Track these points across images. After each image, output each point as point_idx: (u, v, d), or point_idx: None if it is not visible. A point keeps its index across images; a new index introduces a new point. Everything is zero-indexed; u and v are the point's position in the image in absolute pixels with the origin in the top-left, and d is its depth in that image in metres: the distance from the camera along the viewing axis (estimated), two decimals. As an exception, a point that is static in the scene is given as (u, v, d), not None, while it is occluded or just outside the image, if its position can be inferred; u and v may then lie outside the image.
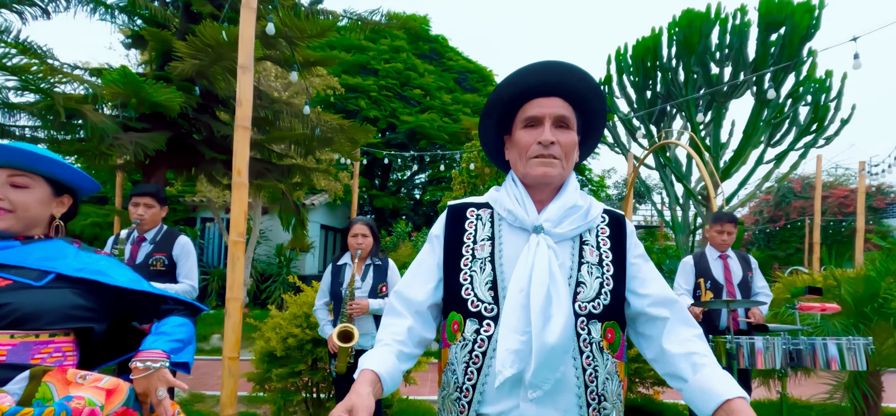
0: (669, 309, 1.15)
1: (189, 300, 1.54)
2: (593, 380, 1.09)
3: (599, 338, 1.11)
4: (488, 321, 1.12)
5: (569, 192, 1.22)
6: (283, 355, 3.44)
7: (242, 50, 3.06)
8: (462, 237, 1.22)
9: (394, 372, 1.08)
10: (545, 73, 1.18)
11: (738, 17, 12.61)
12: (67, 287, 1.30)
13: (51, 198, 1.37)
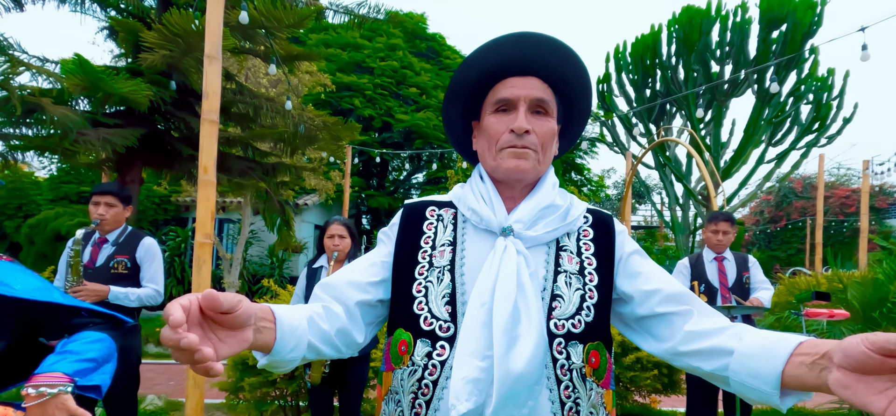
0: (689, 303, 0.92)
1: (109, 313, 1.34)
2: (574, 413, 0.88)
3: (581, 363, 0.90)
4: (443, 343, 0.90)
5: (545, 189, 1.01)
6: (255, 362, 3.24)
7: (209, 39, 2.86)
8: (419, 241, 1.00)
9: (295, 326, 0.82)
10: (521, 46, 0.97)
11: (738, 14, 12.43)
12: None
13: None
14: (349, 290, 0.97)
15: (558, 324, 0.90)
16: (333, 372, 2.92)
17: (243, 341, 0.69)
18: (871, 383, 0.62)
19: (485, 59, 0.99)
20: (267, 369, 0.83)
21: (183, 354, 0.59)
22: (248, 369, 3.29)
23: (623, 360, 3.56)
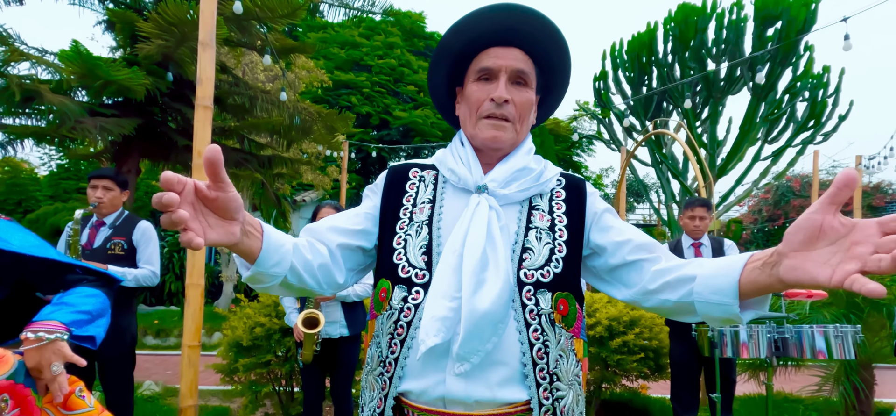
0: (656, 251, 1.00)
1: (102, 271, 1.41)
2: (543, 356, 0.95)
3: (550, 310, 0.97)
4: (418, 289, 0.98)
5: (520, 154, 1.08)
6: (249, 344, 3.32)
7: (203, 26, 2.93)
8: (401, 200, 1.08)
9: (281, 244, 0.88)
10: (505, 17, 1.03)
11: (734, 11, 12.50)
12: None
13: None
14: (331, 234, 1.04)
15: (528, 273, 0.97)
16: (324, 353, 2.99)
17: (231, 234, 0.75)
18: (814, 259, 0.70)
19: (470, 27, 1.05)
20: (250, 281, 0.88)
21: (170, 223, 0.66)
22: (242, 350, 3.36)
23: (610, 344, 3.63)
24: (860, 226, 0.67)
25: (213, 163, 0.70)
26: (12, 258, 1.26)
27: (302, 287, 0.96)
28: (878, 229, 0.65)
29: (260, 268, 0.85)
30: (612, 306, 3.78)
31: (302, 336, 2.85)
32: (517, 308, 0.95)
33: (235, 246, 0.79)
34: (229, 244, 0.77)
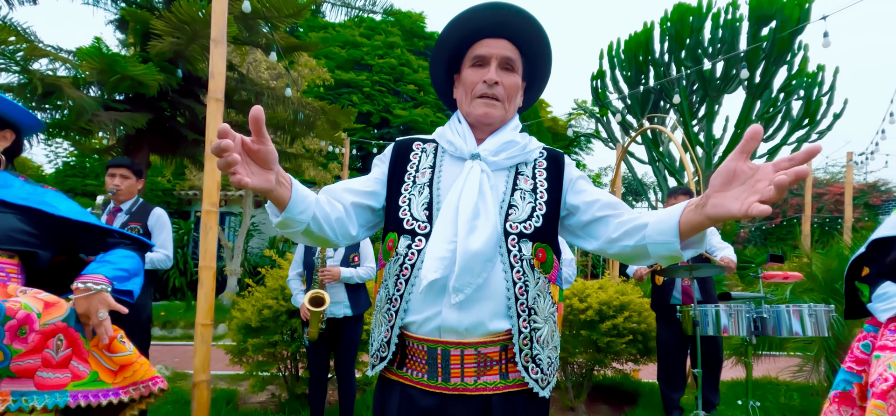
0: (620, 208, 1.19)
1: (136, 236, 1.59)
2: (524, 293, 1.12)
3: (530, 256, 1.15)
4: (420, 238, 1.16)
5: (508, 129, 1.27)
6: (258, 326, 3.50)
7: (215, 23, 3.11)
8: (406, 167, 1.26)
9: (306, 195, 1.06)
10: (495, 14, 1.22)
11: (729, 11, 12.68)
12: (11, 213, 1.35)
13: None
14: (346, 194, 1.22)
15: (513, 225, 1.16)
16: (329, 332, 3.17)
17: (268, 180, 0.93)
18: (731, 196, 0.89)
19: (466, 22, 1.23)
20: (280, 226, 1.05)
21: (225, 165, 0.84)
22: (250, 331, 3.54)
23: (600, 327, 3.80)
24: (762, 168, 0.86)
25: (257, 120, 0.88)
26: (61, 223, 1.44)
27: (321, 236, 1.14)
28: (773, 169, 0.83)
29: (288, 214, 1.03)
30: (603, 292, 3.95)
31: (308, 315, 3.03)
32: (503, 253, 1.13)
33: (270, 192, 0.96)
34: (265, 190, 0.94)
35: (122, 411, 1.47)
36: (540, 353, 1.14)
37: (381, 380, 1.23)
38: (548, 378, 1.16)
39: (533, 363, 1.12)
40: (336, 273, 3.08)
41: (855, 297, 1.80)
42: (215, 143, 0.83)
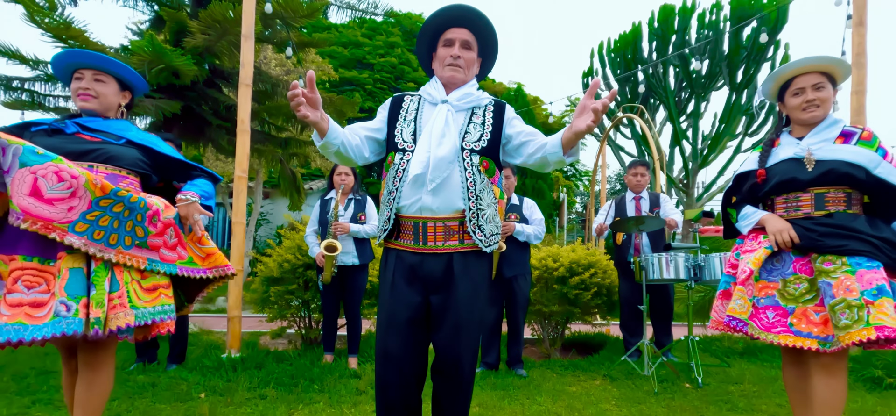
0: (539, 135, 1.83)
1: (211, 172, 2.24)
2: (473, 186, 1.76)
3: (478, 164, 1.79)
4: (408, 153, 1.81)
5: (467, 87, 1.92)
6: (279, 276, 4.15)
7: (245, 21, 3.77)
8: (399, 111, 1.92)
9: (337, 128, 1.73)
10: (459, 10, 1.88)
11: (714, 12, 13.32)
12: (134, 148, 2.00)
13: (118, 92, 2.08)
14: (361, 130, 1.88)
15: (466, 144, 1.80)
16: (339, 278, 3.83)
17: (317, 115, 1.60)
18: (580, 119, 1.56)
19: (440, 16, 1.89)
20: (322, 148, 1.74)
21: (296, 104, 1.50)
22: (273, 281, 4.19)
23: (570, 281, 4.44)
24: (592, 103, 1.51)
25: (311, 78, 1.54)
26: (163, 157, 2.09)
27: (346, 155, 1.80)
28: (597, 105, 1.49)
29: (327, 139, 1.69)
30: (573, 253, 4.60)
31: (323, 261, 3.68)
32: (460, 161, 1.78)
33: (318, 123, 1.63)
34: (315, 121, 1.60)
35: (206, 285, 2.13)
36: (484, 225, 1.79)
37: (384, 249, 1.88)
38: (489, 241, 1.81)
39: (479, 231, 1.78)
40: (346, 227, 3.73)
41: (729, 222, 2.44)
42: (290, 91, 1.50)
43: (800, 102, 2.10)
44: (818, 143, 2.06)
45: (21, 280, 1.63)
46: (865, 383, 3.52)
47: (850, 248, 1.88)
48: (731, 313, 2.07)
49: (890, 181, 1.93)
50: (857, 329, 1.75)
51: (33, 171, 1.63)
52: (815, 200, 2.04)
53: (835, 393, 1.91)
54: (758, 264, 2.04)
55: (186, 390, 3.16)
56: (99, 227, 1.72)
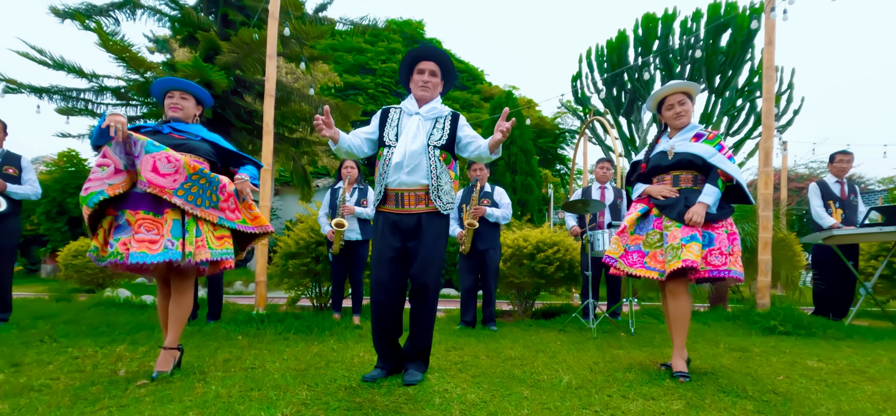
0: (478, 139, 2.74)
1: (256, 160, 3.16)
2: (435, 170, 2.67)
3: (439, 155, 2.70)
4: (392, 148, 2.72)
5: (433, 103, 2.83)
6: (296, 251, 5.08)
7: (269, 43, 4.69)
8: (386, 118, 2.84)
9: (346, 135, 2.66)
10: (428, 50, 2.81)
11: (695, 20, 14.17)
12: (205, 143, 2.92)
13: (195, 105, 3.00)
14: (361, 133, 2.81)
15: (431, 142, 2.72)
16: (345, 250, 4.74)
17: (336, 133, 2.55)
18: (494, 134, 2.47)
19: (416, 52, 2.83)
20: (336, 150, 2.71)
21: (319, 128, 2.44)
22: (291, 256, 5.11)
23: (537, 257, 5.33)
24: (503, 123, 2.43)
25: (327, 111, 2.49)
26: (224, 150, 3.00)
27: (351, 152, 2.74)
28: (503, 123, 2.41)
29: (339, 144, 2.65)
30: (541, 234, 5.49)
31: (332, 236, 4.60)
32: (427, 153, 2.69)
33: (333, 136, 2.56)
34: (332, 136, 2.54)
35: (252, 239, 3.04)
36: (442, 196, 2.70)
37: (376, 212, 2.80)
38: (445, 207, 2.72)
39: (439, 199, 2.69)
40: (352, 209, 4.65)
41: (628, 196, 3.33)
42: (315, 120, 2.45)
43: (671, 114, 2.99)
44: (679, 141, 2.96)
45: (143, 226, 2.55)
46: (764, 330, 4.40)
47: (678, 213, 2.78)
48: (608, 253, 2.97)
49: (720, 167, 2.82)
50: (674, 262, 2.65)
51: (152, 156, 2.55)
52: (673, 180, 2.93)
53: (679, 307, 2.80)
54: (631, 223, 2.94)
55: (226, 334, 4.07)
56: (191, 193, 2.63)
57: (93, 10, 6.13)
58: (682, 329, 2.83)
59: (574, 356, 3.35)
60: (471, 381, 2.63)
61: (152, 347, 3.46)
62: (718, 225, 2.79)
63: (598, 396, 2.36)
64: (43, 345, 3.48)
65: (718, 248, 2.74)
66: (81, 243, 7.80)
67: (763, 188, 4.77)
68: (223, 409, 2.08)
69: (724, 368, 3.02)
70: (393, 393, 2.37)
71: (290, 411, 2.07)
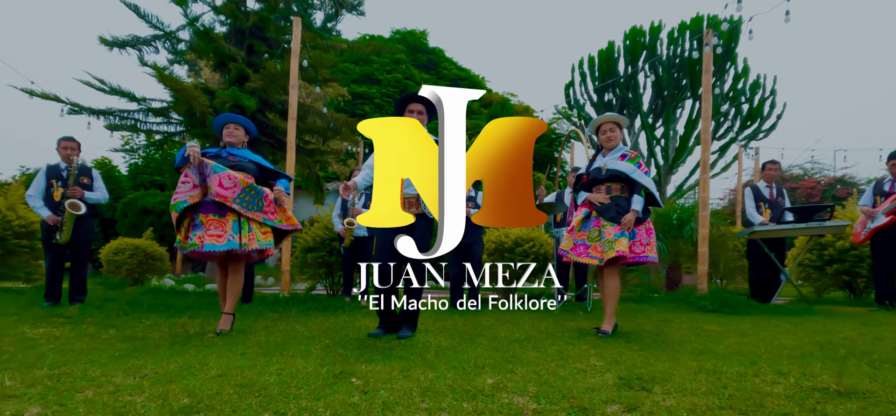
0: None
1: (288, 175, 4.18)
2: None
3: None
4: None
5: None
6: (313, 245, 6.10)
7: (292, 74, 5.72)
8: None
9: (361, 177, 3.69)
10: (414, 95, 3.81)
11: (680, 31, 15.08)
12: (252, 164, 3.94)
13: (245, 134, 4.02)
14: (369, 165, 3.81)
15: None
16: (355, 243, 5.76)
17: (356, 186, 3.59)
18: None
19: (405, 98, 3.84)
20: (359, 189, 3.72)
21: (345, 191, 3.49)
22: (309, 250, 6.14)
23: (516, 250, 6.33)
24: None
25: (351, 187, 3.54)
26: (264, 168, 4.03)
27: (367, 182, 3.75)
28: None
29: (359, 186, 3.68)
30: (519, 231, 6.48)
31: (344, 232, 5.62)
32: None
33: (355, 190, 3.62)
34: (356, 191, 3.56)
35: (286, 235, 4.06)
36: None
37: None
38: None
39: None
40: (360, 211, 5.67)
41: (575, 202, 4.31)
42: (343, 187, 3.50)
43: (604, 138, 3.96)
44: (610, 159, 3.93)
45: (212, 225, 3.57)
46: (696, 308, 5.36)
47: (611, 216, 3.76)
48: (562, 247, 3.96)
49: (639, 181, 3.79)
50: (609, 252, 3.62)
51: (218, 175, 3.57)
52: (606, 189, 3.90)
53: (612, 285, 3.77)
54: (578, 223, 3.92)
55: (260, 311, 5.10)
56: (244, 201, 3.65)
57: (138, 41, 7.23)
58: (612, 302, 3.81)
59: (532, 324, 4.33)
60: (446, 336, 3.63)
61: (207, 317, 4.49)
62: (640, 225, 3.77)
63: (534, 343, 3.35)
64: (122, 318, 4.53)
65: (639, 240, 3.71)
66: (120, 241, 8.87)
67: (701, 192, 5.73)
68: (274, 348, 3.09)
69: (642, 330, 4.00)
70: (389, 342, 3.38)
71: (319, 348, 3.08)
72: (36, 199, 5.17)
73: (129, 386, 2.06)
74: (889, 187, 5.50)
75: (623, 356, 2.70)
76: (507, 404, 1.85)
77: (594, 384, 2.10)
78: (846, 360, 2.58)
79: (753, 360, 2.54)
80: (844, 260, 6.29)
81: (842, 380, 1.94)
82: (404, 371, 2.33)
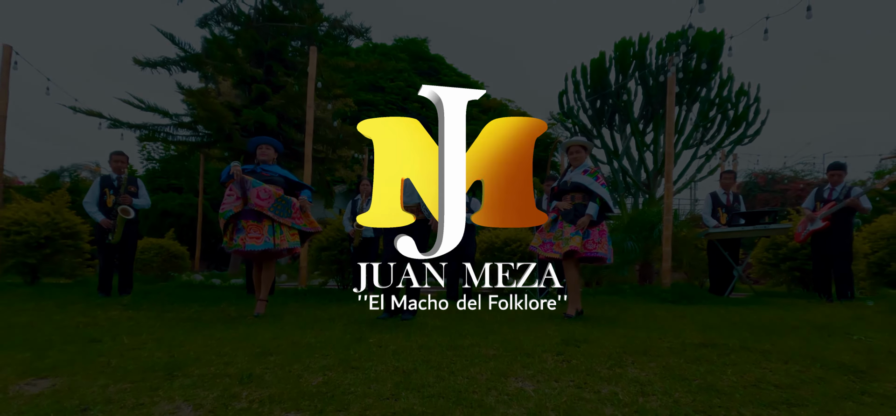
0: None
1: (310, 187, 5.04)
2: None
3: None
4: None
5: None
6: (326, 245, 6.97)
7: (309, 96, 6.58)
8: None
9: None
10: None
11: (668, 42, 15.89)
12: (281, 178, 4.80)
13: (275, 152, 4.88)
14: None
15: None
16: (363, 243, 6.61)
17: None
18: None
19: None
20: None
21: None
22: (324, 248, 7.00)
23: (505, 249, 7.17)
24: None
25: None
26: (290, 180, 4.89)
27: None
28: None
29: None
30: (507, 231, 7.33)
31: (354, 234, 6.48)
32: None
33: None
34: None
35: (309, 237, 4.92)
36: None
37: None
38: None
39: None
40: (367, 215, 6.53)
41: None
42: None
43: (572, 157, 4.81)
44: (576, 173, 4.77)
45: (252, 229, 4.43)
46: (661, 302, 6.20)
47: (571, 219, 4.60)
48: (532, 244, 4.81)
49: (595, 191, 4.63)
50: (565, 247, 4.47)
51: (256, 189, 4.43)
52: (572, 198, 4.75)
53: (572, 276, 4.61)
54: (547, 225, 4.76)
55: (282, 300, 5.96)
56: (277, 209, 4.51)
57: (169, 62, 8.11)
58: (574, 289, 4.65)
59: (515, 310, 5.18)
60: (440, 318, 4.48)
61: (240, 306, 5.35)
62: (594, 227, 4.61)
63: (510, 322, 4.20)
64: (166, 306, 5.39)
65: (592, 239, 4.56)
66: (145, 241, 9.72)
67: (666, 199, 6.57)
68: (306, 324, 3.95)
69: (601, 315, 4.85)
70: (394, 322, 4.23)
71: (341, 325, 3.93)
72: (92, 205, 6.04)
73: (212, 339, 2.92)
74: (827, 195, 6.33)
75: (573, 328, 3.55)
76: (477, 352, 2.70)
77: (542, 343, 2.95)
78: (736, 329, 3.43)
79: (665, 330, 3.39)
80: (796, 258, 7.12)
81: (707, 336, 2.79)
82: (407, 336, 3.19)
